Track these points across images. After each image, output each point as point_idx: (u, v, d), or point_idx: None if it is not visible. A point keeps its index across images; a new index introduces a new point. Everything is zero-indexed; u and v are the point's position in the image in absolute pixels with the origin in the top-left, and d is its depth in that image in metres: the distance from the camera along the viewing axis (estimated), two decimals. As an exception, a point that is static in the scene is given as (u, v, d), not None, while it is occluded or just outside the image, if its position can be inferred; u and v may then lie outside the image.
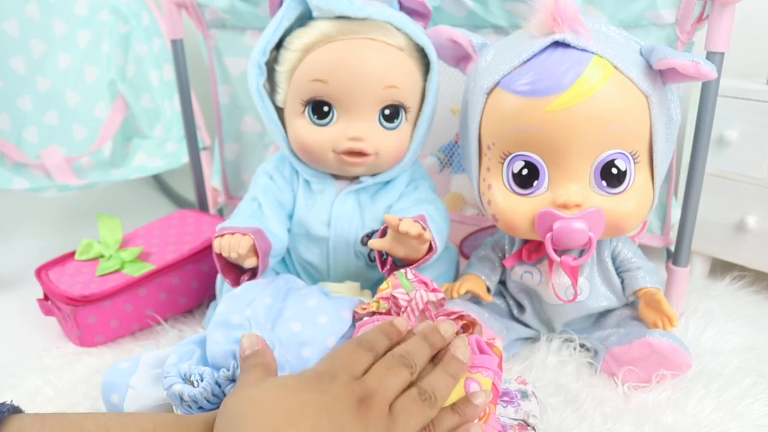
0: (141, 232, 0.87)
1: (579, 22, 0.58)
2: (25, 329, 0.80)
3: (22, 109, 0.98)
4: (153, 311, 0.77)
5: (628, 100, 0.59)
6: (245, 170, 1.04)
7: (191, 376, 0.52)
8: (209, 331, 0.56)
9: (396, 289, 0.57)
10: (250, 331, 0.55)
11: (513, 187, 0.63)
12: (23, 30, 0.95)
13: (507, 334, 0.70)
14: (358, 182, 0.70)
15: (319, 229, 0.70)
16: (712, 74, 0.56)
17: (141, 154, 1.08)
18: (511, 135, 0.61)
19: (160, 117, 1.10)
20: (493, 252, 0.73)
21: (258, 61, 0.66)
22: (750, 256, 0.85)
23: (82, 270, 0.78)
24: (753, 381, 0.63)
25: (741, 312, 0.79)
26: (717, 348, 0.71)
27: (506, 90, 0.60)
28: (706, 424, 0.57)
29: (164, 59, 1.08)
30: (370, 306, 0.59)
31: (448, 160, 0.91)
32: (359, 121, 0.65)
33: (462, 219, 0.91)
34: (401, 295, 0.57)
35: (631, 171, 0.61)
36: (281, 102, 0.68)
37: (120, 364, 0.59)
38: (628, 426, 0.57)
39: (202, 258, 0.80)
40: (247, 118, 0.99)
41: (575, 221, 0.60)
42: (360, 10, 0.63)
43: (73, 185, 0.98)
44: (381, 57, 0.64)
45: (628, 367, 0.63)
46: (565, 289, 0.67)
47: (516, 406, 0.57)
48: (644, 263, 0.69)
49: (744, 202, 0.84)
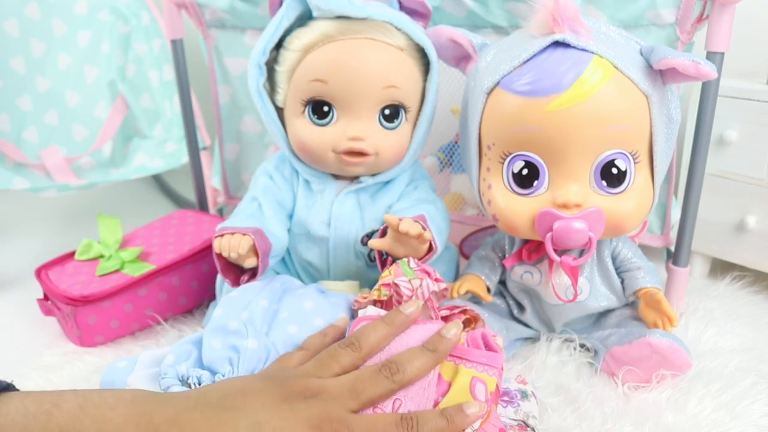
0: (141, 232, 0.87)
1: (579, 22, 0.58)
2: (25, 329, 0.80)
3: (21, 109, 0.98)
4: (153, 311, 0.77)
5: (628, 100, 0.59)
6: (245, 170, 1.04)
7: (189, 378, 0.52)
8: (205, 335, 0.56)
9: (398, 277, 0.56)
10: (246, 337, 0.55)
11: (513, 187, 0.63)
12: (23, 30, 0.95)
13: (507, 334, 0.70)
14: (358, 182, 0.70)
15: (319, 229, 0.70)
16: (713, 74, 0.56)
17: (141, 154, 1.08)
18: (511, 135, 0.61)
19: (160, 117, 1.10)
20: (493, 252, 0.73)
21: (258, 61, 0.66)
22: (750, 256, 0.85)
23: (81, 270, 0.78)
24: (753, 381, 0.63)
25: (741, 312, 0.79)
26: (717, 348, 0.71)
27: (506, 90, 0.60)
28: (706, 424, 0.57)
29: (164, 59, 1.08)
30: (372, 294, 0.58)
31: (448, 160, 0.91)
32: (359, 121, 0.65)
33: (462, 219, 0.91)
34: (404, 282, 0.55)
35: (631, 171, 0.61)
36: (281, 102, 0.68)
37: (118, 363, 0.59)
38: (628, 426, 0.57)
39: (202, 258, 0.80)
40: (247, 118, 0.99)
41: (575, 221, 0.60)
42: (360, 10, 0.63)
43: (73, 185, 0.98)
44: (381, 57, 0.64)
45: (628, 367, 0.63)
46: (565, 289, 0.67)
47: (516, 406, 0.57)
48: (644, 263, 0.69)
49: (744, 201, 0.84)
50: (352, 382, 0.45)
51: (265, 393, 0.43)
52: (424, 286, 0.55)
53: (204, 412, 0.39)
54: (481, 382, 0.48)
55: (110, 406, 0.38)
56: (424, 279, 0.56)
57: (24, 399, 0.39)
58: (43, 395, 0.39)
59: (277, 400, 0.42)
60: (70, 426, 0.36)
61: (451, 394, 0.47)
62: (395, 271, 0.57)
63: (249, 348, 0.55)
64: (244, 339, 0.55)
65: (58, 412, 0.37)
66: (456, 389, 0.48)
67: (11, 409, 0.37)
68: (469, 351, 0.50)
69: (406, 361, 0.47)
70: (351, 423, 0.42)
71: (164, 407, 0.39)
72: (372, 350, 0.49)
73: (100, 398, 0.39)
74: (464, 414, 0.45)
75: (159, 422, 0.37)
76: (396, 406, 0.46)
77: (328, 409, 0.42)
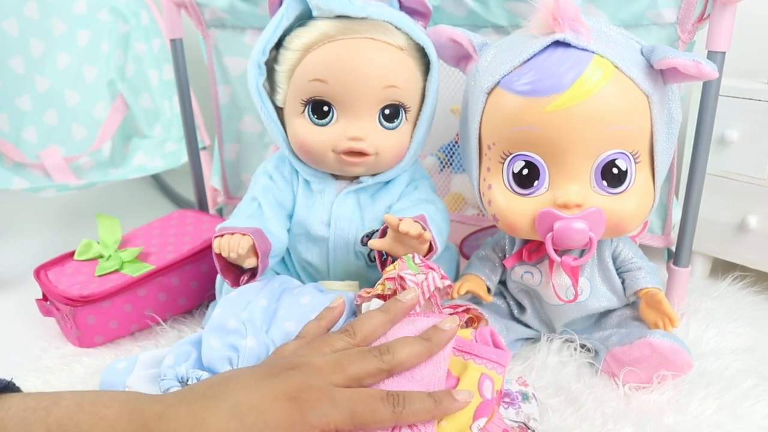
0: (140, 232, 0.86)
1: (579, 21, 0.58)
2: (23, 330, 0.79)
3: (21, 109, 0.97)
4: (152, 311, 0.76)
5: (628, 100, 0.59)
6: (245, 170, 1.03)
7: (188, 379, 0.52)
8: (204, 335, 0.55)
9: (403, 271, 0.56)
10: (245, 336, 0.55)
11: (513, 187, 0.63)
12: (22, 29, 0.95)
13: (507, 334, 0.70)
14: (358, 182, 0.70)
15: (318, 229, 0.70)
16: (714, 74, 0.56)
17: (140, 154, 1.08)
18: (512, 135, 0.61)
19: (159, 117, 1.10)
20: (493, 252, 0.73)
21: (257, 61, 0.66)
22: (751, 256, 0.85)
23: (81, 270, 0.78)
24: (755, 382, 0.63)
25: (742, 312, 0.78)
26: (718, 349, 0.70)
27: (506, 90, 0.60)
28: (707, 426, 0.57)
29: (164, 59, 1.08)
30: (375, 289, 0.57)
31: (448, 160, 0.91)
32: (359, 120, 0.65)
33: (462, 219, 0.91)
34: (409, 276, 0.55)
35: (631, 171, 0.61)
36: (281, 102, 0.68)
37: (118, 363, 0.59)
38: (628, 427, 0.57)
39: (201, 258, 0.80)
40: (247, 118, 0.99)
41: (576, 221, 0.60)
42: (360, 10, 0.63)
43: (72, 185, 0.98)
44: (381, 56, 0.64)
45: (629, 368, 0.63)
46: (566, 290, 0.67)
47: (517, 408, 0.56)
48: (645, 263, 0.68)
49: (745, 202, 0.83)
50: (339, 357, 0.45)
51: (248, 376, 0.43)
52: (430, 280, 0.55)
53: (189, 404, 0.40)
54: (489, 379, 0.47)
55: (105, 404, 0.40)
56: (429, 274, 0.55)
57: (24, 397, 0.40)
58: (43, 394, 0.40)
59: (257, 380, 0.42)
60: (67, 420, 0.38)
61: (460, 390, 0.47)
62: (400, 266, 0.56)
63: (248, 347, 0.54)
64: (243, 338, 0.55)
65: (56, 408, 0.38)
66: (464, 384, 0.47)
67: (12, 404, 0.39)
68: (478, 347, 0.50)
69: (398, 345, 0.47)
70: (333, 393, 0.42)
71: (154, 404, 0.40)
72: (367, 337, 0.49)
73: (96, 397, 0.41)
74: (453, 398, 0.45)
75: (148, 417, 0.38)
76: None
77: (308, 381, 0.42)
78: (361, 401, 0.42)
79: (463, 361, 0.49)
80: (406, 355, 0.46)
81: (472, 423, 0.46)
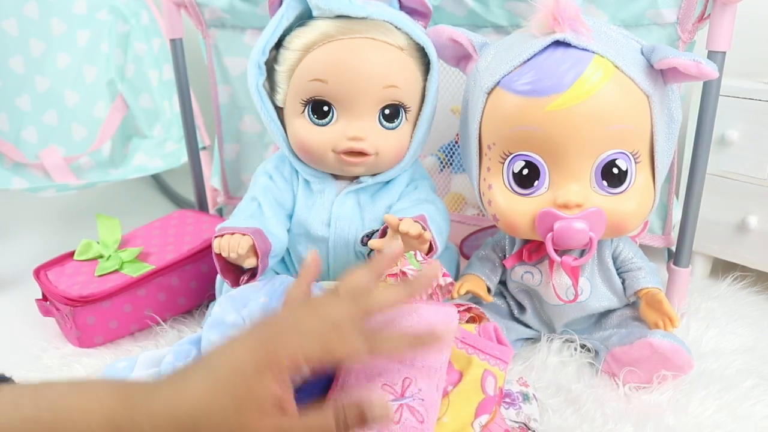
0: (140, 232, 0.86)
1: (580, 21, 0.58)
2: (23, 330, 0.79)
3: (20, 109, 0.97)
4: (152, 311, 0.76)
5: (628, 100, 0.59)
6: (245, 170, 1.03)
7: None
8: (204, 332, 0.56)
9: (406, 266, 0.56)
10: None
11: (513, 187, 0.63)
12: (22, 29, 0.95)
13: (507, 334, 0.70)
14: (358, 182, 0.70)
15: (319, 229, 0.70)
16: (714, 74, 0.56)
17: (140, 153, 1.08)
18: (512, 135, 0.61)
19: (159, 117, 1.09)
20: (493, 252, 0.73)
21: (257, 61, 0.66)
22: (751, 257, 0.85)
23: (81, 270, 0.78)
24: (755, 382, 0.63)
25: (742, 312, 0.79)
26: (718, 349, 0.70)
27: (507, 90, 0.60)
28: (707, 426, 0.57)
29: (163, 59, 1.08)
30: None
31: (448, 160, 0.91)
32: (359, 120, 0.65)
33: (462, 219, 0.91)
34: (411, 271, 0.55)
35: (632, 171, 0.61)
36: (281, 102, 0.68)
37: (118, 363, 0.59)
38: (629, 427, 0.57)
39: (201, 258, 0.80)
40: (247, 118, 0.99)
41: (576, 221, 0.60)
42: (360, 10, 0.63)
43: (72, 185, 0.98)
44: (381, 56, 0.64)
45: (629, 368, 0.63)
46: (566, 290, 0.67)
47: (517, 408, 0.56)
48: (645, 263, 0.68)
49: (745, 202, 0.83)
50: (311, 302, 0.45)
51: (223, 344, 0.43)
52: None
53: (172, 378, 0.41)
54: (492, 376, 0.48)
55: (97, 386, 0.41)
56: None
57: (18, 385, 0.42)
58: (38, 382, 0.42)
59: (230, 342, 0.42)
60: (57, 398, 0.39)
61: (463, 385, 0.47)
62: (402, 262, 0.57)
63: None
64: None
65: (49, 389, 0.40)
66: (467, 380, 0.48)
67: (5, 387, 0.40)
68: (482, 342, 0.50)
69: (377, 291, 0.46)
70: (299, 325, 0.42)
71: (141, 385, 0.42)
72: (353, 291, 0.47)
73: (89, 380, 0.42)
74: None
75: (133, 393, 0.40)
76: (406, 384, 0.46)
77: (278, 324, 0.42)
78: (328, 330, 0.42)
79: (467, 355, 0.49)
80: (382, 296, 0.45)
81: (473, 420, 0.46)
